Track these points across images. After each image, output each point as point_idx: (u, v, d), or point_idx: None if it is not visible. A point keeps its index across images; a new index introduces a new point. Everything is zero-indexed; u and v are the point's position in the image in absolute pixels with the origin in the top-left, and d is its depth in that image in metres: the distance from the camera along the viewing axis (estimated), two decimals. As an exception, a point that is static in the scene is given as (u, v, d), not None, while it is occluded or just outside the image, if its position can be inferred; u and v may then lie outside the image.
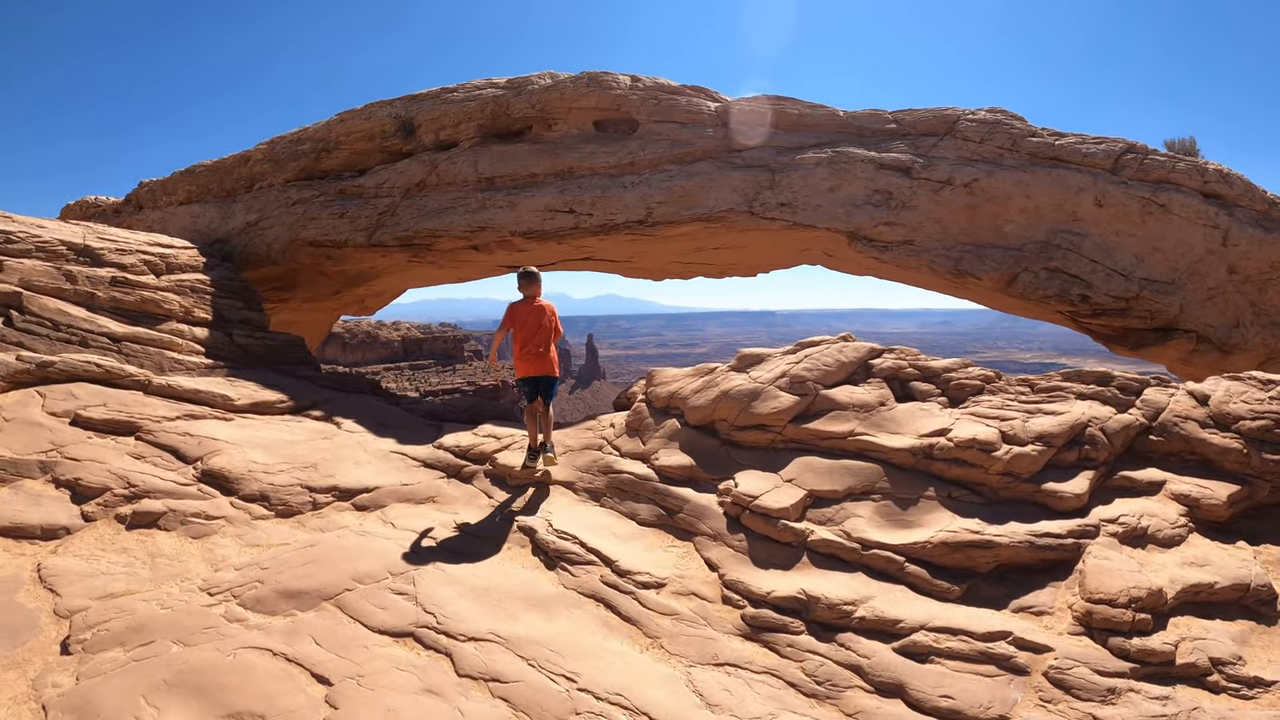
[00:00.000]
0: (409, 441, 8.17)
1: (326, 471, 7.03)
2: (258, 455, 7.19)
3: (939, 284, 13.02)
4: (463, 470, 7.51)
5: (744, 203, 10.93)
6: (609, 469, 7.33)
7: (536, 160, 11.68)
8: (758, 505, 6.20)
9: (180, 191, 15.69)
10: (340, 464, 7.26)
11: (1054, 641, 5.18)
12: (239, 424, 8.18)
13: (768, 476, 6.72)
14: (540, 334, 7.44)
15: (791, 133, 11.67)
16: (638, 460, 7.45)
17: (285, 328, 15.01)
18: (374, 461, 7.49)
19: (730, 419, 7.51)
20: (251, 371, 10.27)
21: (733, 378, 7.88)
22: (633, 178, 11.21)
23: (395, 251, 12.54)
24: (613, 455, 7.61)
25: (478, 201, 11.61)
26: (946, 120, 11.34)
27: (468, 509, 6.80)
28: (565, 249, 12.09)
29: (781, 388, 7.60)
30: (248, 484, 6.64)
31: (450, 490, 7.13)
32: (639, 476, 7.13)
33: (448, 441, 7.99)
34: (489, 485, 7.30)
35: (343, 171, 13.76)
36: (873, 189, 10.99)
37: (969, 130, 11.12)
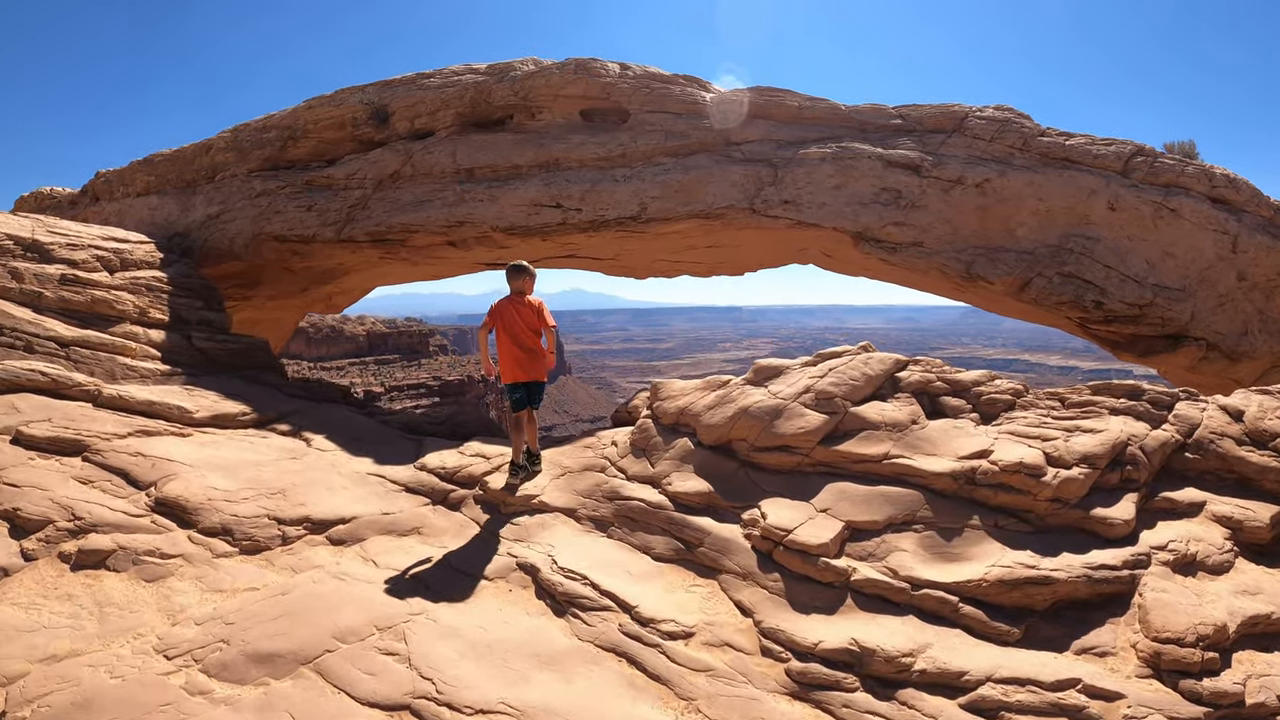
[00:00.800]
0: (387, 460, 7.42)
1: (296, 499, 6.26)
2: (218, 480, 6.39)
3: (945, 287, 12.59)
4: (449, 496, 6.80)
5: (745, 199, 10.33)
6: (615, 494, 6.64)
7: (520, 151, 10.95)
8: (793, 541, 5.56)
9: (138, 182, 14.75)
10: (311, 489, 6.50)
11: (1124, 687, 4.70)
12: (198, 441, 7.36)
13: (799, 506, 6.07)
14: (530, 334, 6.80)
15: (791, 126, 11.12)
16: (647, 485, 6.77)
17: (248, 327, 14.10)
18: (349, 486, 6.74)
19: (750, 439, 6.84)
20: (212, 378, 9.41)
21: (750, 393, 7.22)
22: (624, 170, 10.54)
23: (366, 247, 11.74)
24: (618, 479, 6.91)
25: (456, 194, 10.84)
26: (954, 117, 10.89)
27: (458, 542, 6.08)
28: (549, 246, 11.38)
29: (806, 405, 6.94)
30: (208, 515, 5.84)
31: (436, 520, 6.41)
32: (651, 504, 6.44)
33: (431, 462, 7.27)
34: (479, 513, 6.59)
35: (311, 162, 12.93)
36: (880, 187, 10.48)
37: (978, 128, 10.68)
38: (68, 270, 9.93)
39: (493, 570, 5.59)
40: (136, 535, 5.51)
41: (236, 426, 8.07)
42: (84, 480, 6.25)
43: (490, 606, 5.10)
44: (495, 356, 6.95)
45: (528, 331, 6.79)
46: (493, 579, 5.49)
